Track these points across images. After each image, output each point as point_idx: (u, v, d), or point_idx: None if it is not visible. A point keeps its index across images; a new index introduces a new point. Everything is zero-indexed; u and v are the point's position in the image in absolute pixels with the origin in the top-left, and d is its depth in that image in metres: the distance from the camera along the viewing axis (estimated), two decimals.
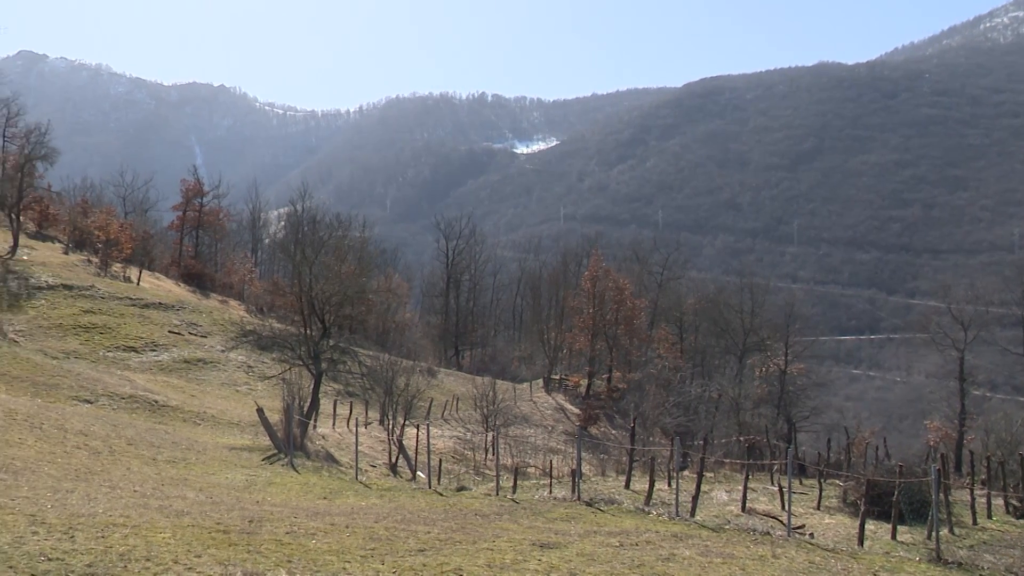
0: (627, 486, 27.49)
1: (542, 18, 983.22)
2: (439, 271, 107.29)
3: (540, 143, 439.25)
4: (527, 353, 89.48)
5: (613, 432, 61.74)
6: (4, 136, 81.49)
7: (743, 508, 24.15)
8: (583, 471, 26.75)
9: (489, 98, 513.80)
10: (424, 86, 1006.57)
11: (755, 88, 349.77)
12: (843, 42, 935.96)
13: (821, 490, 27.21)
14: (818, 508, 26.06)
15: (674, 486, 23.15)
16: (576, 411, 65.89)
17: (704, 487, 24.50)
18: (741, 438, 45.82)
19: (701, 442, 31.63)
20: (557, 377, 74.94)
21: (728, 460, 37.95)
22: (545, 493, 24.49)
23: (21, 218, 67.63)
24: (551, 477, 28.83)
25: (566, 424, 61.01)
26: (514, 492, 24.83)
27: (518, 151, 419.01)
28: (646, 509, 20.69)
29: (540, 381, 74.45)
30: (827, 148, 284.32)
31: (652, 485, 23.96)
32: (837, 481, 30.44)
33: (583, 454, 28.21)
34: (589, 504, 20.97)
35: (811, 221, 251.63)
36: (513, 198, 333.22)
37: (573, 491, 22.64)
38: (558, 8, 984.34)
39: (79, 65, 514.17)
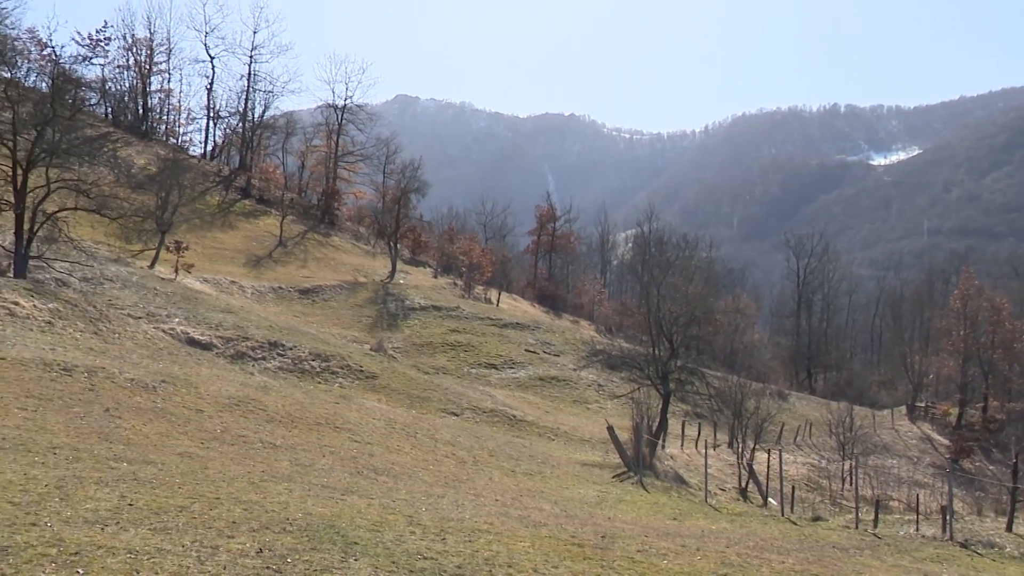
0: (1009, 528, 24.66)
1: (898, 19, 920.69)
2: (789, 291, 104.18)
3: (900, 153, 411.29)
4: (887, 378, 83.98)
5: (990, 467, 55.90)
6: (384, 172, 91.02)
7: None
8: (955, 508, 24.44)
9: (842, 108, 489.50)
10: (771, 101, 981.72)
11: None
12: None
13: None
14: None
15: None
16: (945, 442, 60.51)
17: None
18: None
19: None
20: (922, 404, 69.47)
21: None
22: (911, 530, 22.67)
23: (398, 245, 74.98)
24: (917, 513, 26.64)
25: (933, 456, 56.18)
26: (875, 526, 23.25)
27: (874, 163, 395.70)
28: None
29: (903, 408, 69.35)
30: None
31: None
32: None
33: (955, 490, 25.79)
34: (963, 545, 19.09)
35: None
36: (869, 212, 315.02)
37: (944, 530, 20.77)
38: (915, 6, 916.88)
39: (446, 104, 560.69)
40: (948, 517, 20.95)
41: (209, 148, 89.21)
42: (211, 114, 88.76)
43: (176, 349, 32.94)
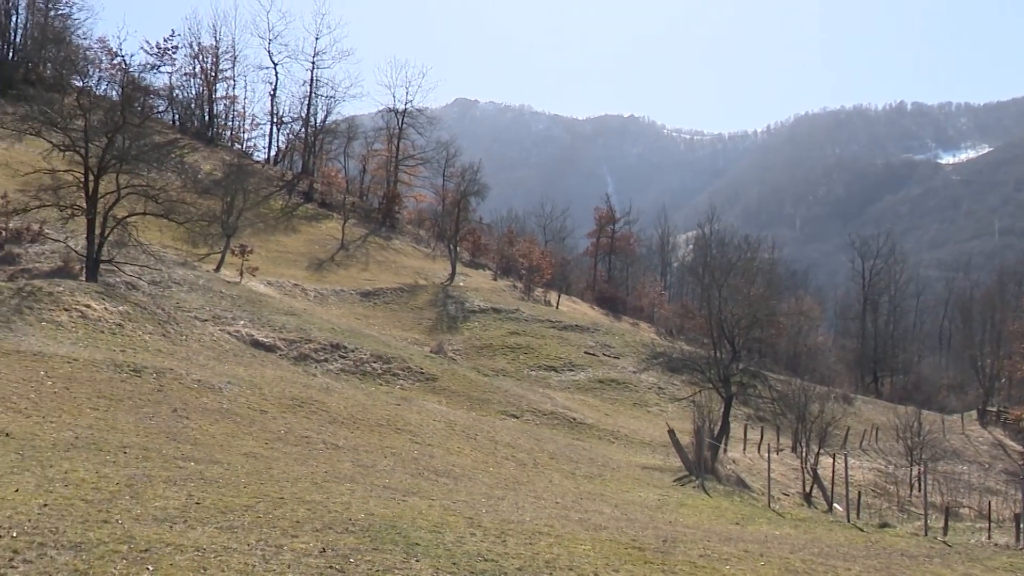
0: None
1: (967, 13, 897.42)
2: (854, 292, 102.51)
3: (969, 151, 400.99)
4: (957, 382, 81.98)
5: None
6: (444, 175, 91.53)
7: None
8: None
9: (909, 106, 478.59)
10: (835, 100, 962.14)
11: None
12: None
13: None
14: None
15: None
16: (1018, 448, 58.77)
17: None
18: None
19: None
20: (994, 409, 67.50)
21: None
22: (983, 538, 22.11)
23: (458, 248, 75.33)
24: (989, 520, 25.94)
25: (1006, 462, 54.59)
26: (945, 534, 22.71)
27: (943, 161, 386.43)
28: None
29: (973, 413, 67.51)
30: None
31: None
32: None
33: None
34: None
35: None
36: (937, 212, 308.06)
37: (1017, 538, 20.21)
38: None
39: (504, 107, 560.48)
40: (1021, 525, 20.36)
41: (273, 153, 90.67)
42: (275, 120, 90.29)
43: (241, 351, 33.54)
